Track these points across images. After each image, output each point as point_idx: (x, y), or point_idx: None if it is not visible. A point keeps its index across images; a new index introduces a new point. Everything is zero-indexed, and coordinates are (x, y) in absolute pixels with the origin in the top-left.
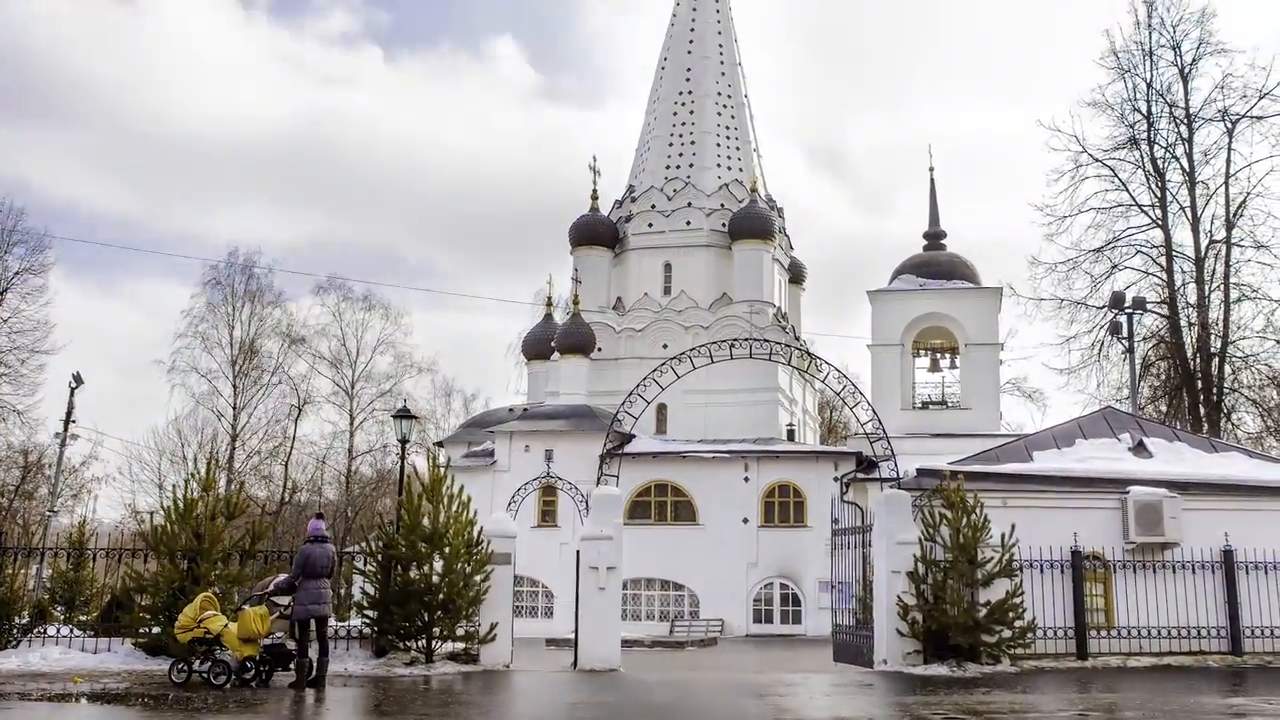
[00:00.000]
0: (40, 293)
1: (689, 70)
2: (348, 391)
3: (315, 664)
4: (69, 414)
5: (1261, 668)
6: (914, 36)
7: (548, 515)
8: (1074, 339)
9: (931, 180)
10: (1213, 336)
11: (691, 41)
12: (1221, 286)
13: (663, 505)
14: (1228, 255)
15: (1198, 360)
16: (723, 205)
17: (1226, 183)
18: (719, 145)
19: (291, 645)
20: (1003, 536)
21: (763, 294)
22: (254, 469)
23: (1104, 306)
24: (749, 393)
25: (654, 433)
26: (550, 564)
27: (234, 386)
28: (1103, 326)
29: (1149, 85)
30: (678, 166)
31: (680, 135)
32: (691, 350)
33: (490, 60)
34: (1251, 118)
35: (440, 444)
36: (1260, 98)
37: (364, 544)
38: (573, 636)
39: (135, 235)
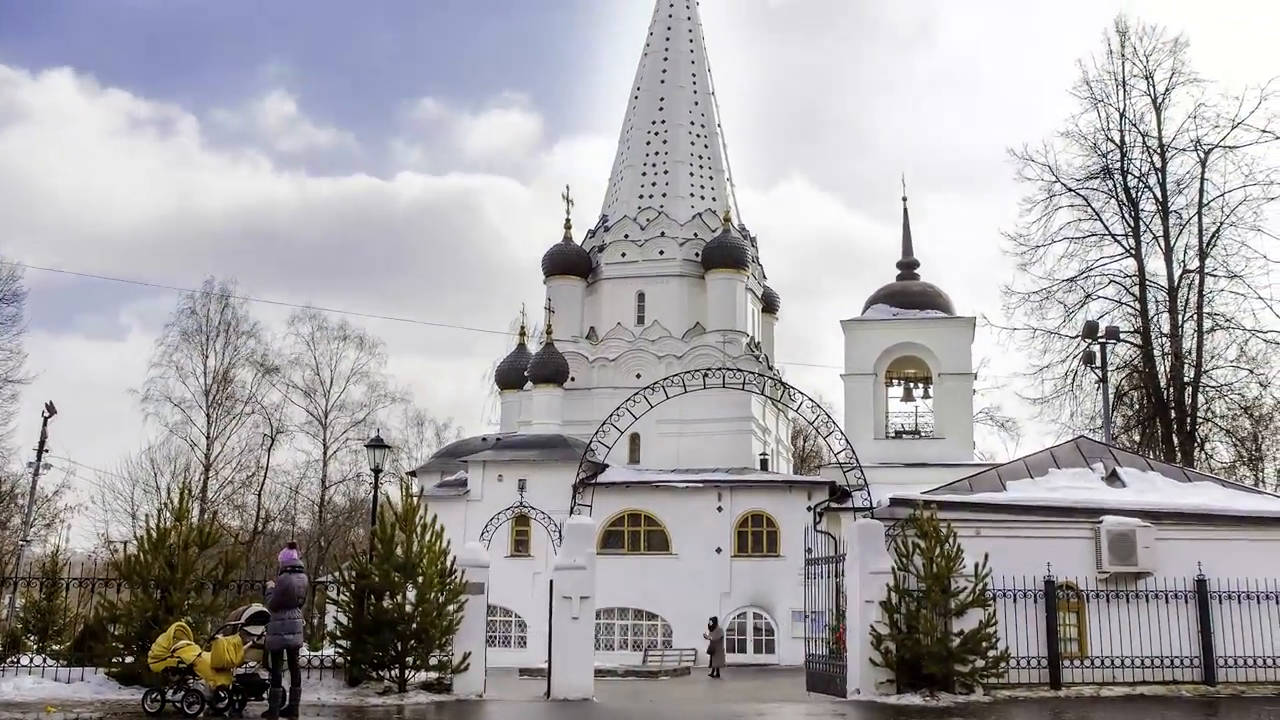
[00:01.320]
0: (13, 322)
1: (662, 100)
2: (321, 421)
3: (288, 693)
4: (42, 443)
5: (1235, 698)
6: (888, 67)
7: (521, 545)
8: (1047, 368)
9: (905, 210)
10: (1186, 366)
11: (665, 71)
12: (1195, 316)
13: (636, 535)
14: (1201, 285)
15: (1171, 390)
16: (696, 235)
17: (1200, 212)
18: (692, 174)
19: (265, 675)
20: (976, 566)
21: (736, 323)
22: (227, 498)
23: (1077, 336)
24: (722, 422)
25: (627, 462)
26: (523, 594)
27: (207, 416)
28: (1076, 356)
29: (1122, 115)
30: (651, 196)
31: (653, 164)
32: (665, 380)
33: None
34: (1224, 147)
35: (413, 473)
36: (1233, 127)
37: (337, 573)
38: (546, 666)
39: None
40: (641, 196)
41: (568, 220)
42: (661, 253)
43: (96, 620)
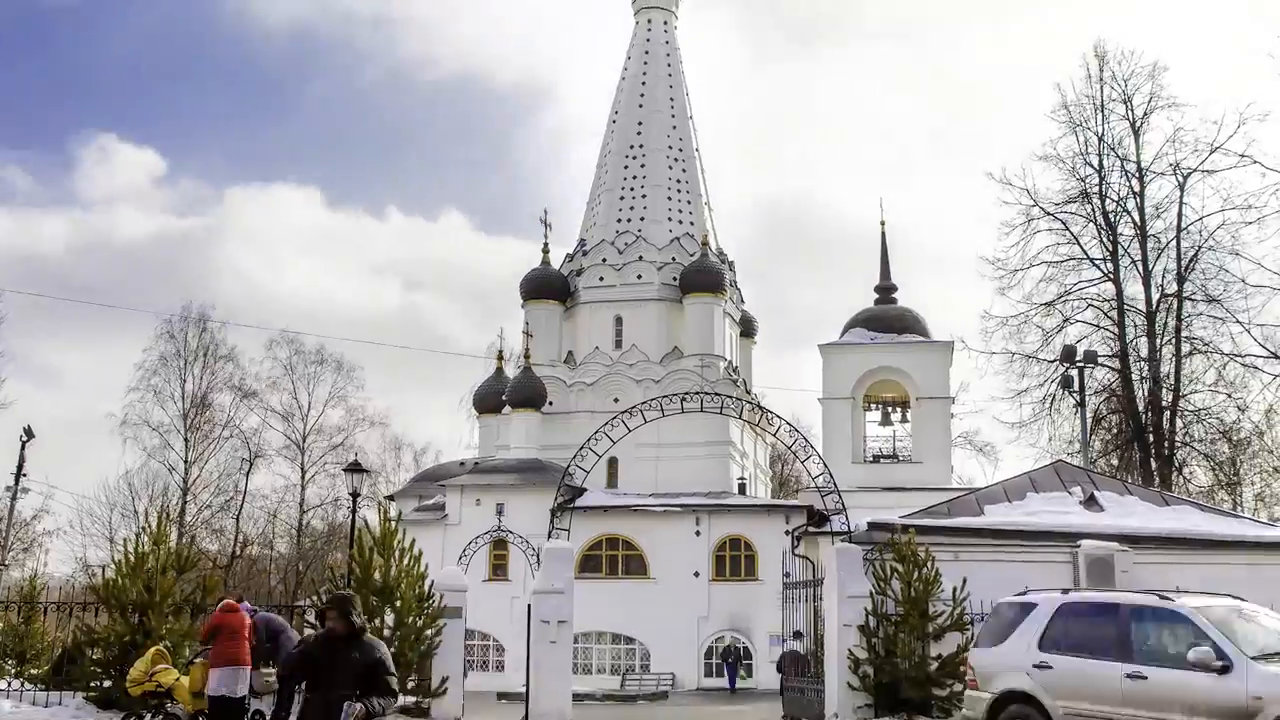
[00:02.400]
0: None
1: (640, 124)
2: (299, 445)
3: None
4: (20, 467)
5: None
6: (864, 91)
7: (499, 569)
8: (1025, 393)
9: (883, 234)
10: (1164, 390)
11: (643, 95)
12: (1173, 340)
13: (614, 559)
14: (1179, 309)
15: (1149, 414)
16: (674, 259)
17: (1178, 236)
18: (670, 199)
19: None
20: (954, 590)
21: (714, 347)
22: (205, 523)
23: (1055, 360)
24: (700, 446)
25: (605, 486)
26: (501, 618)
27: (185, 440)
28: (1054, 380)
29: (1100, 139)
30: (628, 220)
31: (631, 189)
32: (642, 404)
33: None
34: (1203, 171)
35: (391, 498)
36: (1211, 151)
37: (315, 598)
38: (524, 690)
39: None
40: (619, 220)
41: (545, 244)
42: (639, 277)
43: (74, 644)
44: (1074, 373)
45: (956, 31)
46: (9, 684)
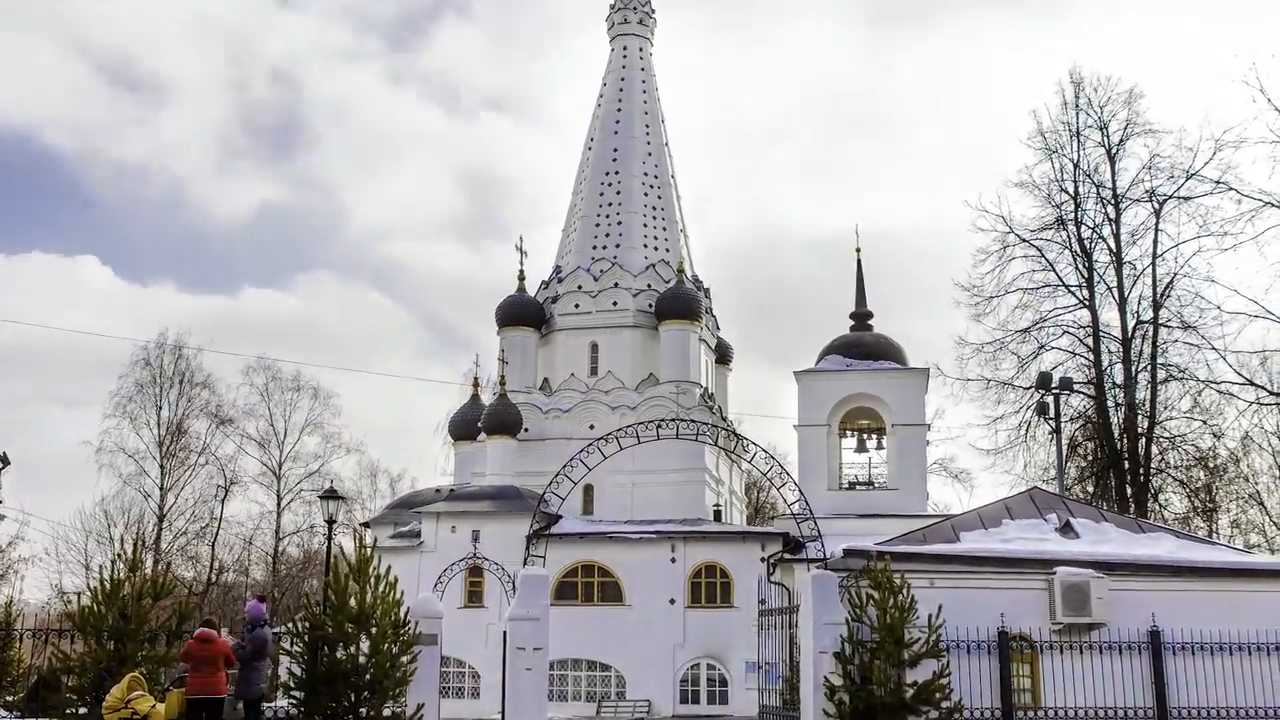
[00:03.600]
0: None
1: (615, 151)
2: (275, 472)
3: None
4: None
5: None
6: (840, 116)
7: (474, 596)
8: (1001, 419)
9: (859, 261)
10: (1139, 417)
11: (618, 123)
12: (1148, 367)
13: (590, 586)
14: (1155, 336)
15: (1125, 441)
16: (649, 286)
17: (1154, 263)
18: (646, 226)
19: None
20: (929, 617)
21: (689, 374)
22: (181, 549)
23: (1031, 387)
24: (676, 473)
25: (581, 513)
26: (477, 644)
27: (161, 467)
28: (1029, 407)
29: (1076, 166)
30: (604, 247)
31: (607, 216)
32: (618, 431)
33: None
34: (1179, 198)
35: (367, 524)
36: (1187, 178)
37: (291, 624)
38: (499, 717)
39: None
40: (595, 247)
41: (521, 271)
42: (615, 303)
43: (50, 671)
44: (1049, 399)
45: (932, 56)
46: None
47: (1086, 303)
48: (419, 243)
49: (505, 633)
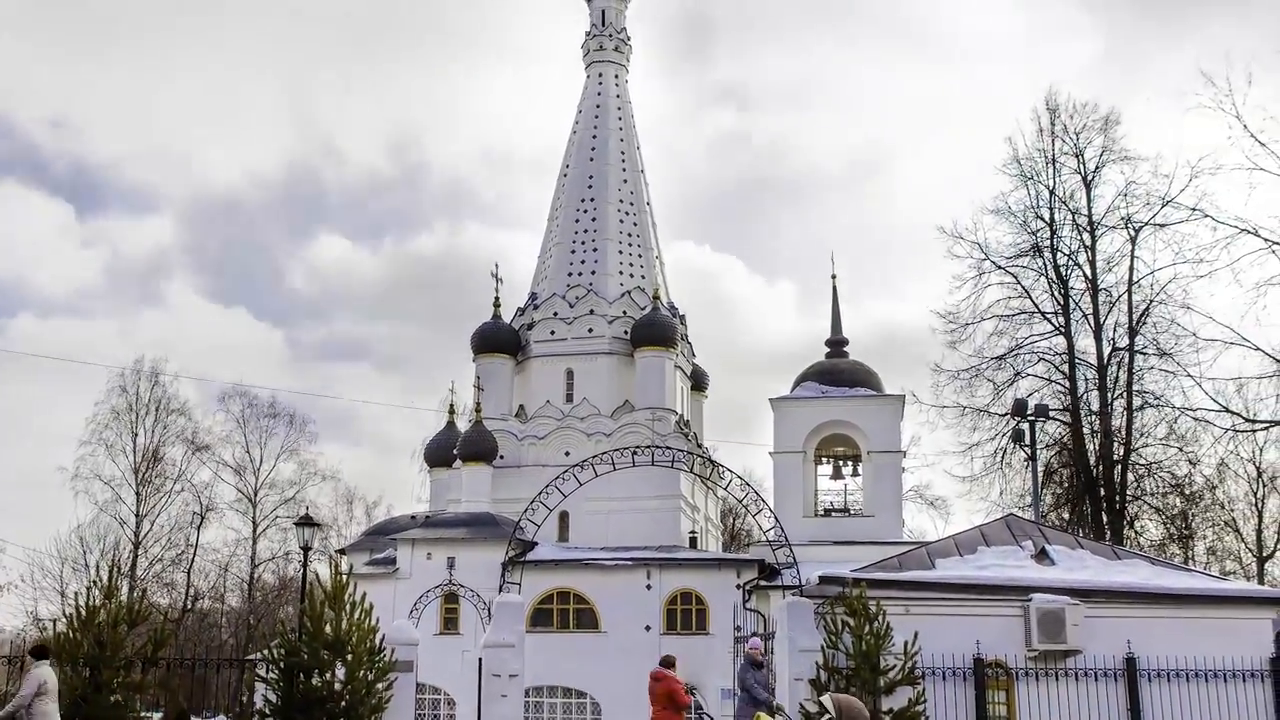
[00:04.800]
0: None
1: (591, 178)
2: (251, 499)
3: None
4: None
5: None
6: (818, 138)
7: (450, 623)
8: (976, 446)
9: (834, 287)
10: (1115, 444)
11: (594, 149)
12: (1124, 394)
13: (565, 613)
14: (1130, 362)
15: (1100, 468)
16: (625, 313)
17: (1130, 290)
18: (621, 252)
19: None
20: (905, 644)
21: (665, 401)
22: (156, 576)
23: (1006, 414)
24: (651, 500)
25: (556, 540)
26: (452, 671)
27: (137, 494)
28: (1005, 434)
29: (1052, 192)
30: (580, 274)
31: (582, 242)
32: (594, 458)
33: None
34: (1155, 225)
35: (343, 551)
36: (1163, 205)
37: (266, 651)
38: None
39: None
40: (570, 274)
41: (496, 298)
42: (590, 330)
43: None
44: (1025, 426)
45: (908, 79)
46: None
47: (1062, 329)
48: None
49: (481, 660)
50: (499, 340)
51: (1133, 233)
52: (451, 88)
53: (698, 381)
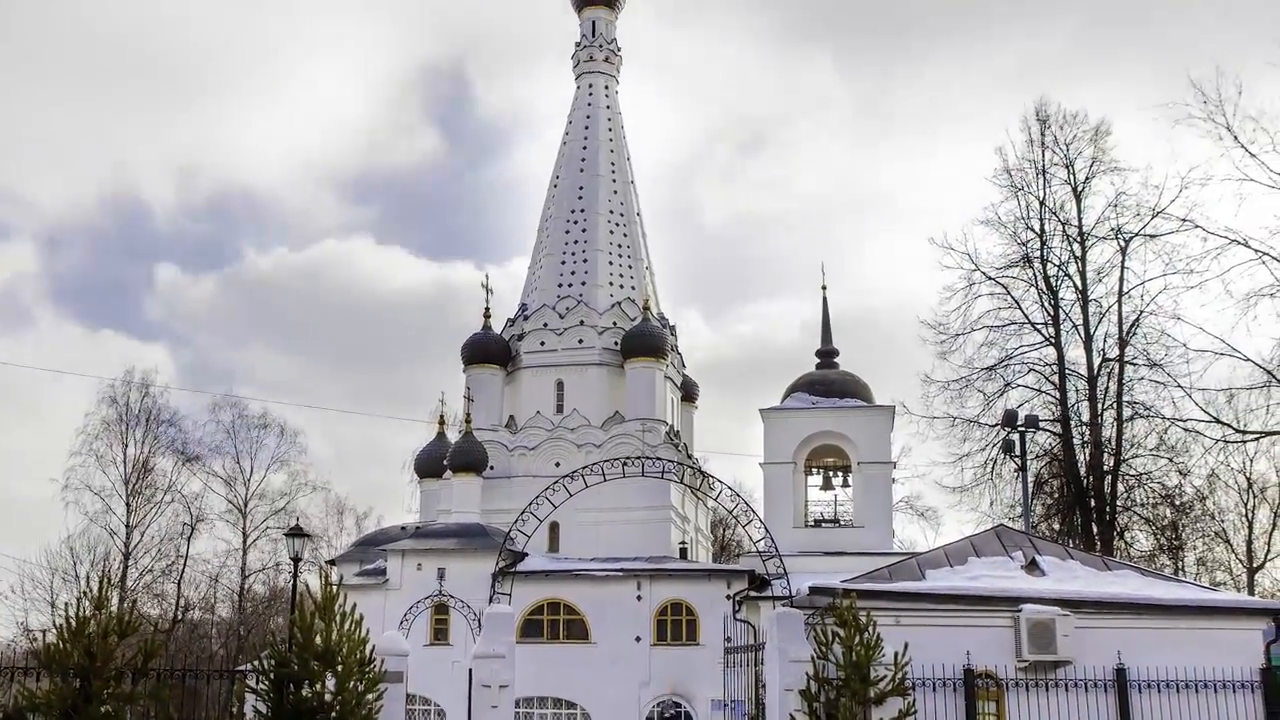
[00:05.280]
0: None
1: (581, 188)
2: (241, 510)
3: None
4: None
5: None
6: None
7: (440, 633)
8: (967, 457)
9: (824, 298)
10: (1105, 455)
11: (584, 160)
12: (1114, 404)
13: (555, 623)
14: (1120, 373)
15: (1090, 478)
16: (615, 324)
17: (1120, 301)
18: (611, 263)
19: None
20: (895, 655)
21: (655, 412)
22: (146, 587)
23: (997, 425)
24: (641, 511)
25: (546, 551)
26: (443, 682)
27: (127, 505)
28: (995, 444)
29: (1042, 203)
30: (570, 285)
31: (572, 253)
32: (584, 468)
33: None
34: (1145, 236)
35: (333, 562)
36: (1153, 216)
37: (257, 662)
38: None
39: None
40: (560, 285)
41: (487, 309)
42: (581, 341)
43: (15, 709)
44: (1015, 437)
45: (898, 91)
46: None
47: (1052, 340)
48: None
49: (471, 670)
50: (489, 351)
51: (1123, 243)
52: None
53: (688, 392)
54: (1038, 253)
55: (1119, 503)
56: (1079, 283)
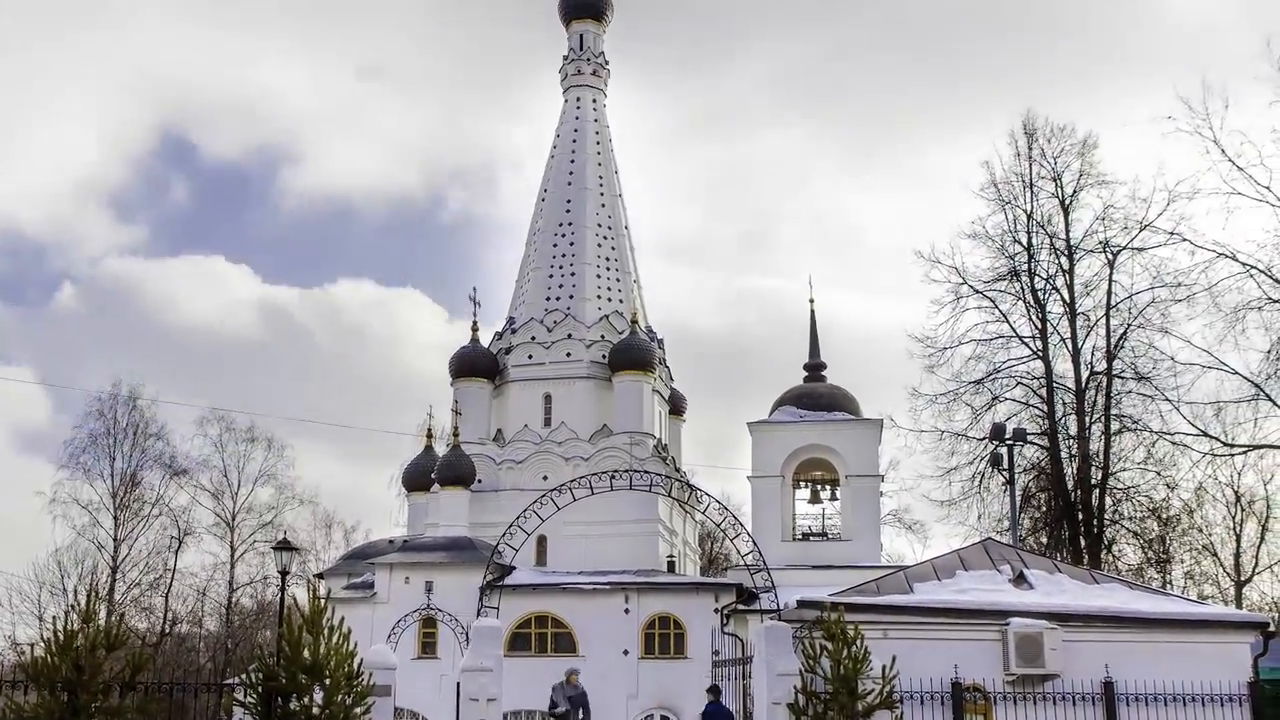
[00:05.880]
0: None
1: (569, 201)
2: (229, 523)
3: None
4: None
5: None
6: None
7: (428, 647)
8: (954, 470)
9: (812, 312)
10: (1093, 468)
11: (571, 173)
12: (1102, 418)
13: (543, 637)
14: (1108, 387)
15: (1078, 492)
16: (603, 337)
17: (1108, 314)
18: (599, 276)
19: None
20: (883, 668)
21: (643, 425)
22: (134, 600)
23: (984, 438)
24: (629, 524)
25: (534, 564)
26: (430, 696)
27: (115, 519)
28: (983, 458)
29: (1029, 216)
30: (558, 298)
31: (560, 266)
32: (572, 482)
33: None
34: (1132, 249)
35: (321, 575)
36: (1141, 229)
37: (244, 675)
38: None
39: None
40: (548, 298)
41: (474, 322)
42: (569, 354)
43: None
44: (1003, 450)
45: (885, 104)
46: None
47: (1040, 354)
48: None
49: (459, 684)
50: (477, 364)
51: (1110, 257)
52: None
53: (676, 405)
54: (1025, 266)
55: (1107, 516)
56: (1067, 296)
